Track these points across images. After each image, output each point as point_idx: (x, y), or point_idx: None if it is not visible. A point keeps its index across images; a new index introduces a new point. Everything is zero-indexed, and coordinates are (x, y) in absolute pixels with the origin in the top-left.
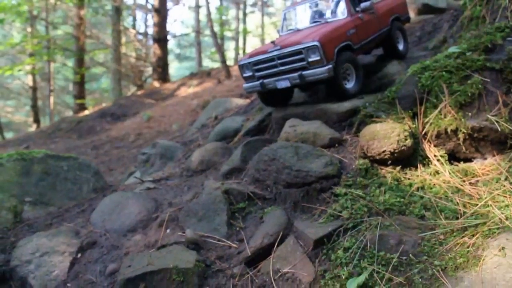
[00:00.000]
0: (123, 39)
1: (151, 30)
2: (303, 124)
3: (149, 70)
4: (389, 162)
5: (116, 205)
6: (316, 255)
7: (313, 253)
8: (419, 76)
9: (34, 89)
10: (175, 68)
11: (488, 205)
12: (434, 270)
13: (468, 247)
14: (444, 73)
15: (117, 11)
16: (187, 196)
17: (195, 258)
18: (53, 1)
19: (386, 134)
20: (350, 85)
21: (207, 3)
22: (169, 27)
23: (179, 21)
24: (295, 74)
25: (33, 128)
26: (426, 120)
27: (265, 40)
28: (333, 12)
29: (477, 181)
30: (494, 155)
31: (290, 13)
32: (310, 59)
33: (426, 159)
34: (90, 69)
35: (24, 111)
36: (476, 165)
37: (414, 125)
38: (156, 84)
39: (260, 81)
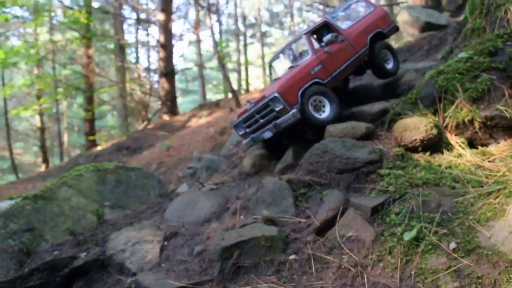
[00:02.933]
0: (127, 76)
1: (153, 66)
2: (340, 124)
3: (155, 105)
4: (420, 149)
5: (188, 203)
6: (374, 220)
7: (371, 219)
8: (436, 79)
9: (42, 129)
10: (179, 103)
11: (506, 175)
12: (470, 222)
13: (494, 205)
14: (456, 74)
15: (121, 48)
16: (250, 191)
17: (276, 229)
18: (63, 42)
19: (416, 125)
20: (324, 114)
21: (213, 34)
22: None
23: (180, 56)
24: (271, 125)
25: (42, 168)
26: (446, 114)
27: (266, 69)
28: (303, 54)
29: (494, 159)
30: (505, 139)
31: (275, 62)
32: (277, 109)
33: (450, 145)
34: (96, 107)
35: (32, 152)
36: (492, 148)
37: (436, 119)
38: (166, 117)
39: (251, 136)
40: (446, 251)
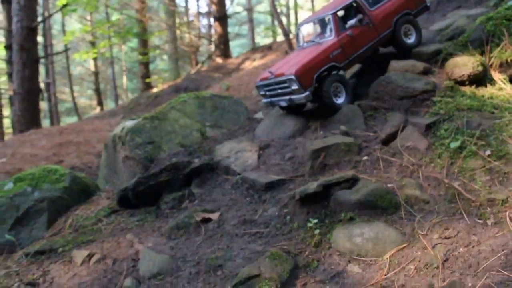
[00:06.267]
0: (177, 20)
1: (202, 10)
2: (403, 61)
3: (204, 48)
4: (467, 83)
5: (274, 123)
6: (427, 134)
7: (425, 133)
8: (485, 25)
9: (96, 73)
10: None
11: None
12: (503, 137)
13: None
14: (504, 20)
15: None
16: (327, 113)
17: (352, 138)
18: None
19: (464, 63)
20: (340, 100)
21: None
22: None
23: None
24: (287, 97)
25: (97, 110)
26: (492, 55)
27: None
28: (326, 32)
29: None
30: None
31: (302, 28)
32: (292, 88)
33: (493, 81)
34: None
35: (86, 95)
36: None
37: (483, 59)
38: (219, 60)
39: (270, 99)
40: (482, 156)
